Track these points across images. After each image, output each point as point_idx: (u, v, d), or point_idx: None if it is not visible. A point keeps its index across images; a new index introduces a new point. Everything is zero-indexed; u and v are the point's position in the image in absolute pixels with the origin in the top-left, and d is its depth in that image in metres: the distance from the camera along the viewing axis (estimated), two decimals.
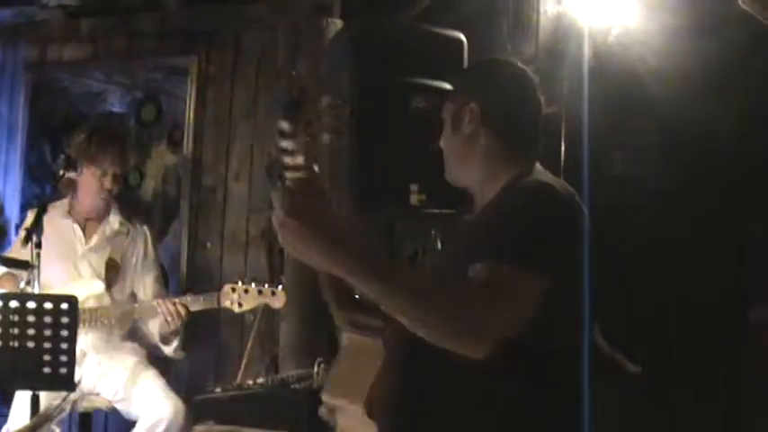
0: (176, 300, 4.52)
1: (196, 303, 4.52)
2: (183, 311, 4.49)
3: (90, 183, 4.78)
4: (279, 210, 1.96)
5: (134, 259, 4.94)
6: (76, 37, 6.11)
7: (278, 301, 4.47)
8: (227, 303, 4.46)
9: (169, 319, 4.47)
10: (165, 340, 4.65)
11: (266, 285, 4.48)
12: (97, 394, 4.67)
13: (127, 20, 5.99)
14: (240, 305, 4.44)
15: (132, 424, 4.59)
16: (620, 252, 4.31)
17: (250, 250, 5.51)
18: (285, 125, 1.93)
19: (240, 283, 4.49)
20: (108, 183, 4.78)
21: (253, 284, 4.46)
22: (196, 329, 4.63)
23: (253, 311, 4.55)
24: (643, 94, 4.51)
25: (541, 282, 2.27)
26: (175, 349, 4.71)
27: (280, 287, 4.49)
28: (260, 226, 5.45)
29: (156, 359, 4.84)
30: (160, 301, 4.54)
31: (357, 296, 2.45)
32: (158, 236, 5.51)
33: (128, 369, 4.67)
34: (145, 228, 5.06)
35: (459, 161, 2.68)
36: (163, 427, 4.46)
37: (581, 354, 2.45)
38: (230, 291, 4.46)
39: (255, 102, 5.61)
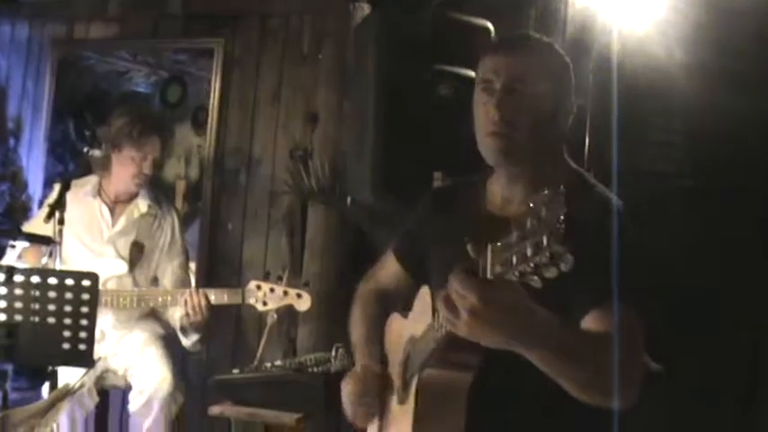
0: (200, 290, 4.47)
1: (220, 298, 4.49)
2: (204, 302, 4.45)
3: (128, 165, 4.76)
4: (473, 297, 1.90)
5: (160, 243, 4.91)
6: (103, 16, 6.13)
7: (303, 303, 4.43)
8: (251, 300, 4.42)
9: (191, 311, 4.44)
10: (185, 332, 4.64)
11: (292, 288, 4.44)
12: (115, 372, 4.69)
13: (154, 1, 5.99)
14: (265, 304, 4.42)
15: None
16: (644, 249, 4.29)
17: (271, 233, 5.52)
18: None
19: (266, 281, 4.47)
20: (147, 168, 4.78)
21: (278, 285, 4.43)
22: (215, 311, 4.61)
23: (276, 311, 4.51)
24: (670, 88, 4.48)
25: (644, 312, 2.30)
26: (194, 343, 4.69)
27: (306, 292, 4.45)
28: (282, 209, 5.45)
29: (174, 340, 4.83)
30: (186, 291, 4.50)
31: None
32: (186, 219, 5.51)
33: (138, 343, 4.69)
34: (173, 212, 5.04)
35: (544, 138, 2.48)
36: (145, 396, 4.47)
37: None
38: (256, 288, 4.43)
39: (280, 85, 5.61)
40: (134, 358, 4.63)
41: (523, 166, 2.46)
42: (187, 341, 4.67)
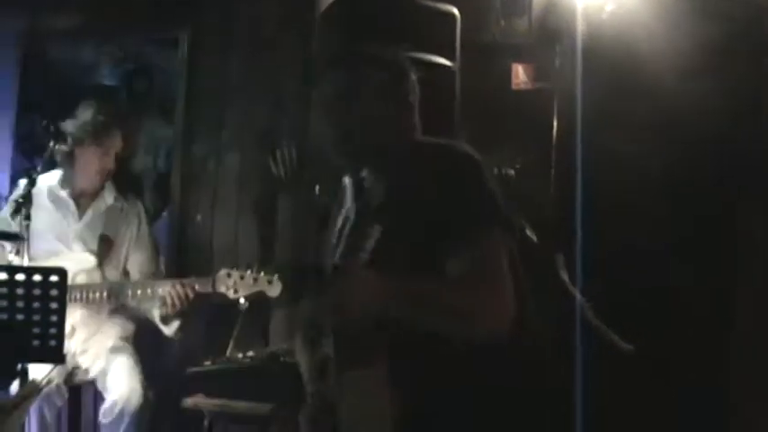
0: (185, 282, 4.47)
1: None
2: (191, 294, 4.44)
3: (91, 160, 4.76)
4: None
5: (128, 236, 4.90)
6: (67, 8, 6.06)
7: (274, 289, 4.43)
8: (222, 289, 4.41)
9: (177, 302, 4.43)
10: (166, 321, 4.62)
11: (262, 273, 4.44)
12: (85, 370, 4.68)
13: None
14: (236, 291, 4.41)
15: None
16: (612, 230, 4.30)
17: (241, 223, 5.50)
18: None
19: (236, 269, 4.45)
20: (110, 162, 4.79)
21: (249, 272, 4.42)
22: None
23: (247, 298, 4.50)
24: (637, 71, 4.49)
25: (512, 234, 2.55)
26: (176, 331, 4.68)
27: (276, 276, 4.44)
28: (251, 198, 5.44)
29: (145, 333, 4.83)
30: (169, 284, 4.49)
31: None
32: (155, 210, 5.48)
33: (107, 347, 4.69)
34: (139, 204, 5.04)
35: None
36: (118, 408, 4.46)
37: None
38: (226, 276, 4.41)
39: (247, 73, 5.59)
40: (104, 366, 4.64)
41: (371, 161, 2.71)
42: (168, 330, 4.66)
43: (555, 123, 4.59)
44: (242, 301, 4.46)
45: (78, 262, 4.66)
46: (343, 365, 2.54)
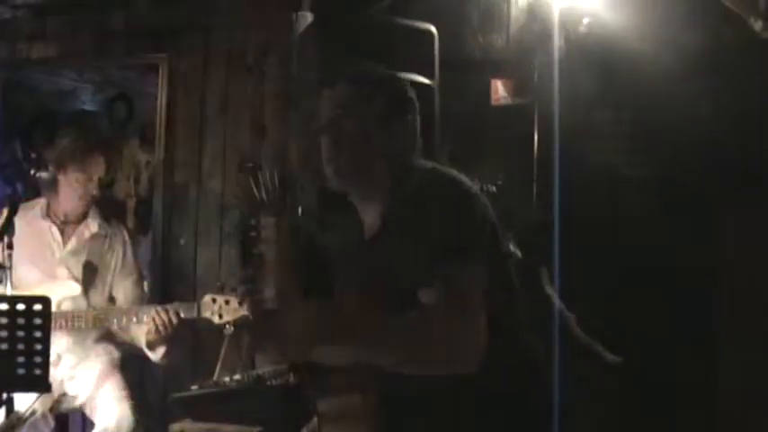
0: (169, 307, 4.45)
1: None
2: (175, 320, 4.42)
3: (74, 187, 4.73)
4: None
5: (113, 262, 4.87)
6: (45, 35, 6.06)
7: None
8: (207, 314, 4.40)
9: (162, 328, 4.42)
10: (152, 347, 4.60)
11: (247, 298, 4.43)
12: (74, 397, 4.65)
13: (96, 18, 5.94)
14: (221, 316, 4.40)
15: None
16: (593, 242, 4.32)
17: (224, 247, 5.49)
18: None
19: (222, 290, 4.44)
20: (93, 188, 4.75)
21: (234, 296, 4.41)
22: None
23: (232, 323, 4.49)
24: (615, 83, 4.52)
25: (483, 269, 2.37)
26: (162, 356, 4.66)
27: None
28: (233, 223, 5.43)
29: (131, 358, 4.80)
30: (153, 310, 4.46)
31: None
32: (138, 237, 5.46)
33: (95, 374, 4.65)
34: (123, 230, 5.01)
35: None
36: None
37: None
38: (211, 301, 4.40)
39: (227, 98, 5.58)
40: (92, 392, 4.61)
41: (359, 185, 2.64)
42: (155, 356, 4.64)
43: (536, 137, 4.60)
44: (227, 326, 4.45)
45: (63, 289, 4.63)
46: (315, 393, 2.57)
